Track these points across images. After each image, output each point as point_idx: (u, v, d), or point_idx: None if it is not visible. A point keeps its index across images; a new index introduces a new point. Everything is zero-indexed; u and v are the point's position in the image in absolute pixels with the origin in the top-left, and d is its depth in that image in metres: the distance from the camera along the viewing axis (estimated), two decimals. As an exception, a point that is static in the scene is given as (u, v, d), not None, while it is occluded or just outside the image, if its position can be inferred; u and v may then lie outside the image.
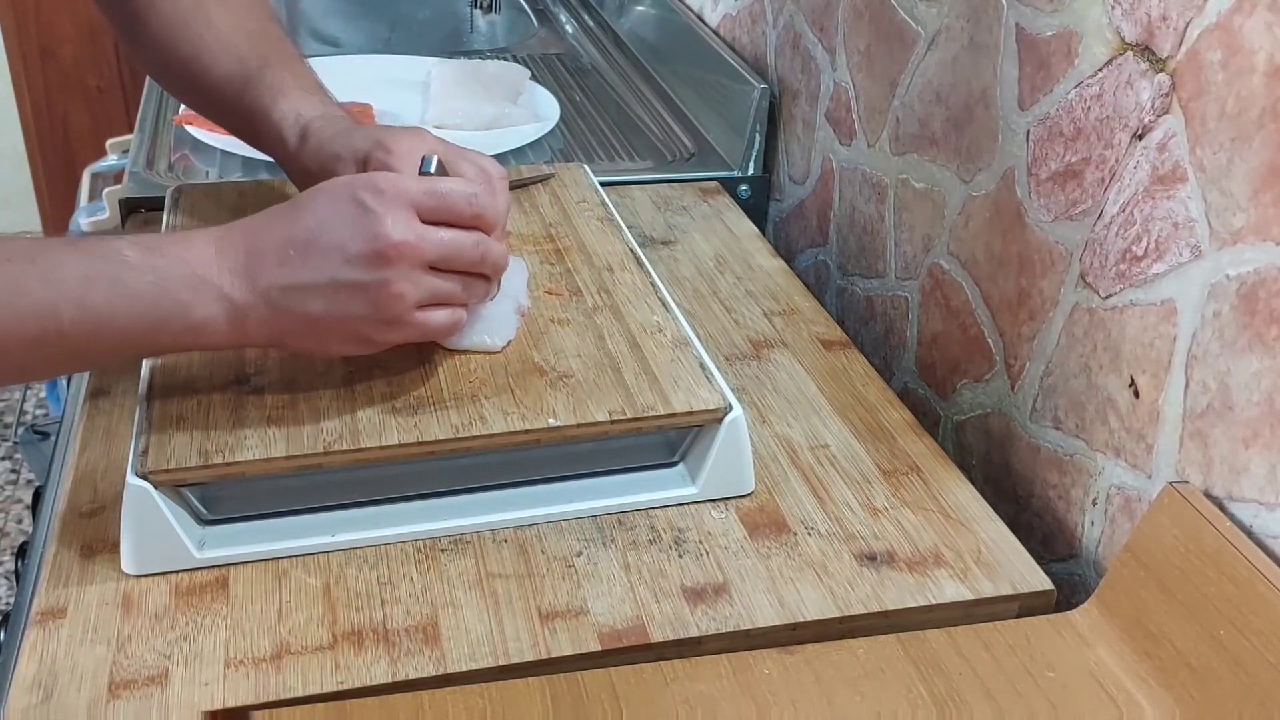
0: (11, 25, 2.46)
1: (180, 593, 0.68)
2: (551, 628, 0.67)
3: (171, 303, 0.63)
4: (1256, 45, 0.62)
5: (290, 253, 0.64)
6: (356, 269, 0.64)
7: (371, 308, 0.65)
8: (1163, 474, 0.71)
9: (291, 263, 0.64)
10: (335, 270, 0.64)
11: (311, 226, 0.64)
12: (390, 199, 0.64)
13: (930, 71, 0.94)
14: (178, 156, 1.21)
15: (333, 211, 0.64)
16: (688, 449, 0.78)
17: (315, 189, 0.67)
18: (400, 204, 0.65)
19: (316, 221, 0.64)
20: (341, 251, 0.64)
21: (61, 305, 0.60)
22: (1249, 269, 0.64)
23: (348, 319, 0.66)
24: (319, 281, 0.64)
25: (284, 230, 0.65)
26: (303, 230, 0.64)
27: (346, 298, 0.65)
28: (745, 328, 0.97)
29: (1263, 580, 0.61)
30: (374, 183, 0.65)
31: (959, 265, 0.92)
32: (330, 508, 0.73)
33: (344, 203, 0.65)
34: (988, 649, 0.66)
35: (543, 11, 1.82)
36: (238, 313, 0.64)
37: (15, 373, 0.63)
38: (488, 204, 0.68)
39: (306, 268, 0.64)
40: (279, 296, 0.65)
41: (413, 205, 0.65)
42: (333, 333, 0.67)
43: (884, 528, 0.76)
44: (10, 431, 2.30)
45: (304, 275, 0.64)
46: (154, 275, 0.62)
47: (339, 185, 0.66)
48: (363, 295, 0.65)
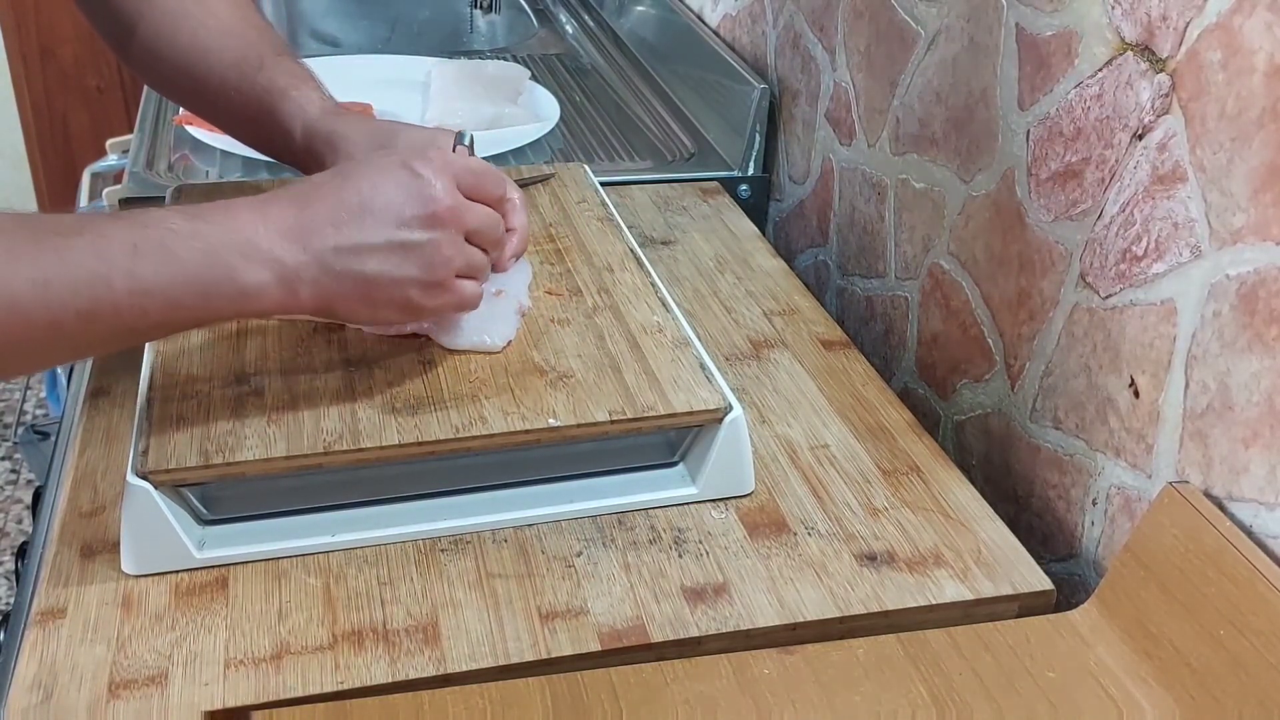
0: (11, 25, 2.46)
1: (180, 593, 0.68)
2: (551, 628, 0.67)
3: (221, 268, 0.62)
4: (1256, 45, 0.62)
5: (344, 215, 0.65)
6: (412, 229, 0.66)
7: (423, 269, 0.67)
8: (1163, 474, 0.71)
9: (346, 224, 0.65)
10: (391, 231, 0.66)
11: (365, 190, 0.66)
12: (440, 170, 0.67)
13: (930, 71, 0.94)
14: (178, 156, 1.21)
15: (385, 178, 0.66)
16: (688, 449, 0.78)
17: (357, 161, 0.68)
18: (447, 174, 0.67)
19: (370, 185, 0.66)
20: (397, 213, 0.66)
21: (112, 276, 0.60)
22: (1249, 269, 0.64)
23: (400, 281, 0.67)
24: (375, 242, 0.66)
25: (335, 194, 0.66)
26: (355, 194, 0.66)
27: (401, 258, 0.66)
28: (745, 328, 0.97)
29: (1263, 580, 0.61)
30: (425, 154, 0.68)
31: (959, 265, 0.92)
32: (330, 508, 0.73)
33: (395, 169, 0.67)
34: (988, 649, 0.66)
35: (543, 11, 1.82)
36: (289, 276, 0.64)
37: (70, 348, 0.64)
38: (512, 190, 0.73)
39: (362, 228, 0.65)
40: (333, 258, 0.65)
41: (456, 178, 0.68)
42: (383, 296, 0.68)
43: (884, 528, 0.76)
44: (10, 431, 2.30)
45: (360, 236, 0.65)
46: (201, 241, 0.62)
47: (384, 155, 0.68)
48: (417, 256, 0.67)
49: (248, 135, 0.89)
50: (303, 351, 0.77)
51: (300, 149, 0.82)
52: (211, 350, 0.76)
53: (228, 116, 0.89)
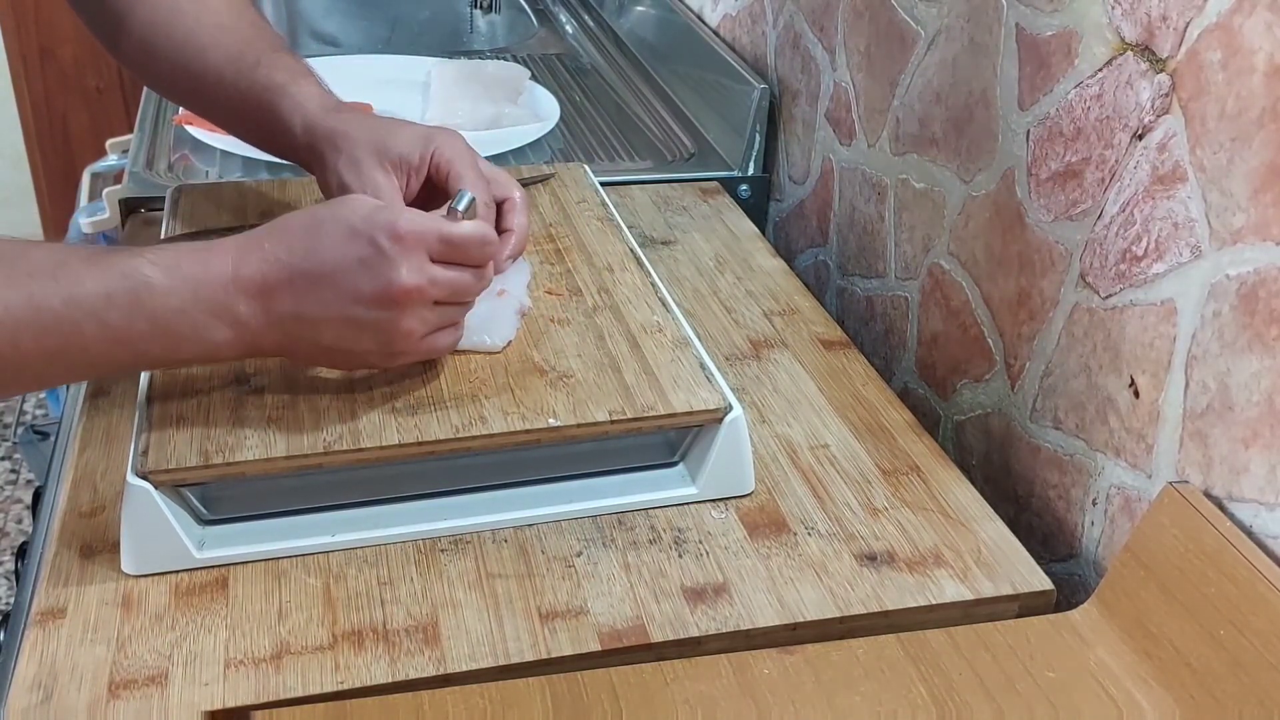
0: (11, 25, 2.46)
1: (180, 593, 0.68)
2: (551, 628, 0.67)
3: (190, 325, 0.64)
4: (1256, 45, 0.62)
5: (305, 284, 0.65)
6: (367, 309, 0.66)
7: (380, 342, 0.68)
8: (1163, 474, 0.71)
9: (305, 295, 0.66)
10: (346, 308, 0.66)
11: (327, 261, 0.66)
12: (408, 245, 0.66)
13: (930, 71, 0.94)
14: (178, 156, 1.21)
15: (349, 250, 0.66)
16: (688, 449, 0.78)
17: (335, 215, 0.67)
18: (417, 250, 0.66)
19: (333, 257, 0.66)
20: (354, 291, 0.66)
21: (83, 323, 0.62)
22: (1249, 269, 0.64)
23: (356, 350, 0.69)
24: (330, 316, 0.66)
25: (301, 259, 0.66)
26: (318, 264, 0.66)
27: (356, 332, 0.67)
28: (745, 328, 0.97)
29: (1263, 580, 0.61)
30: (394, 227, 0.66)
31: (959, 265, 0.92)
32: (330, 508, 0.73)
33: (361, 242, 0.66)
34: (988, 649, 0.66)
35: (543, 11, 1.82)
36: (252, 336, 0.66)
37: (34, 382, 0.67)
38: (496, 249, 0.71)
39: (320, 301, 0.66)
40: (292, 325, 0.66)
41: (428, 251, 0.67)
42: (341, 359, 0.70)
43: (884, 528, 0.76)
44: (10, 431, 2.30)
45: (316, 309, 0.66)
46: (175, 299, 0.64)
47: (359, 221, 0.66)
48: (372, 331, 0.67)
49: (247, 132, 0.88)
50: (303, 351, 0.77)
51: (301, 146, 0.81)
52: (211, 350, 0.76)
53: (226, 114, 0.88)
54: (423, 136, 0.79)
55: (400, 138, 0.79)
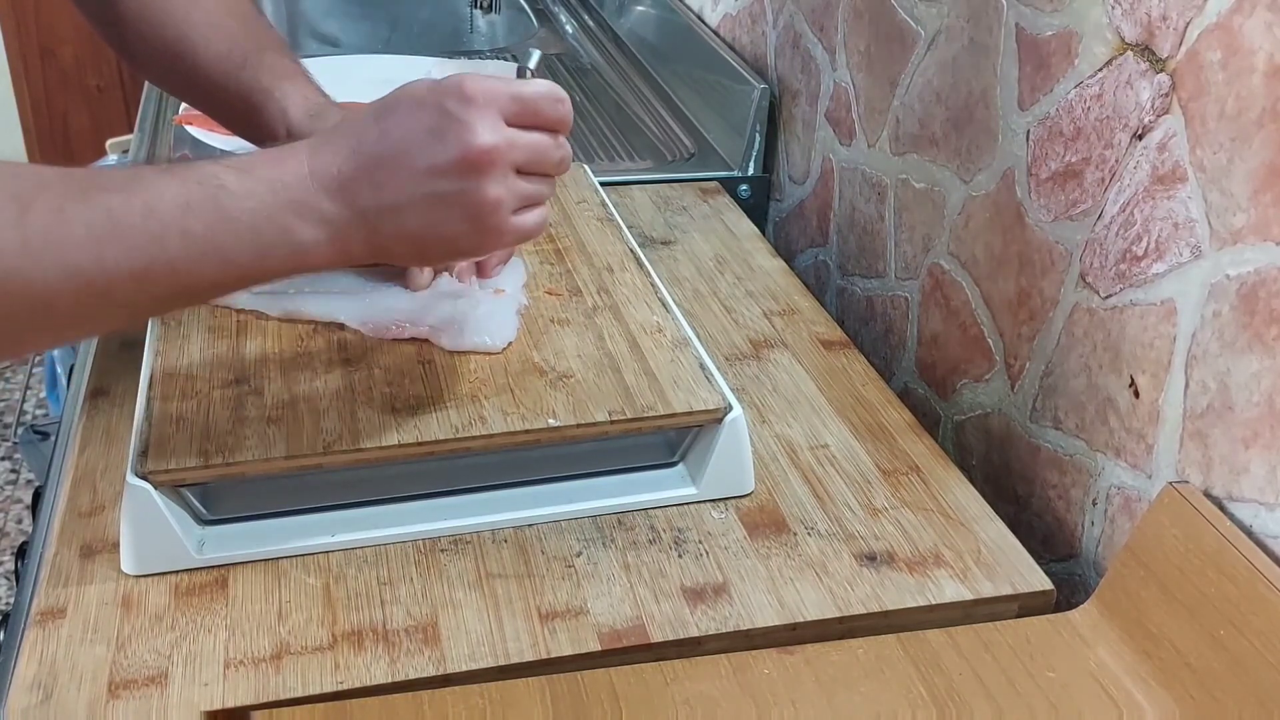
0: (11, 25, 2.46)
1: (180, 593, 0.68)
2: (551, 628, 0.67)
3: (275, 228, 0.61)
4: (1256, 45, 0.62)
5: (381, 170, 0.62)
6: (449, 180, 0.62)
7: (469, 218, 0.64)
8: (1163, 474, 0.71)
9: (384, 182, 0.62)
10: (427, 183, 0.62)
11: (400, 139, 0.62)
12: (479, 105, 0.62)
13: (930, 71, 0.94)
14: (178, 156, 1.21)
15: (419, 122, 0.62)
16: (688, 449, 0.78)
17: (399, 95, 0.64)
18: (489, 109, 0.63)
19: (404, 133, 0.62)
20: (431, 164, 0.62)
21: (166, 235, 0.58)
22: (1249, 269, 0.64)
23: (447, 234, 0.64)
24: (413, 197, 0.62)
25: (373, 144, 0.63)
26: (391, 144, 0.62)
27: (444, 212, 0.63)
28: (745, 328, 0.97)
29: (1263, 580, 0.61)
30: (461, 88, 0.63)
31: (959, 265, 0.92)
32: (330, 508, 0.73)
33: (431, 110, 0.62)
34: (988, 649, 0.66)
35: (543, 11, 1.82)
36: (340, 233, 0.63)
37: (127, 310, 0.61)
38: (568, 108, 0.67)
39: (399, 184, 0.62)
40: (376, 217, 0.63)
41: (500, 110, 0.63)
42: (434, 247, 0.66)
43: (884, 528, 0.76)
44: (10, 431, 2.30)
45: (397, 193, 0.62)
46: (253, 201, 0.60)
47: (423, 91, 0.63)
48: (459, 207, 0.63)
49: (239, 131, 0.88)
50: (303, 351, 0.77)
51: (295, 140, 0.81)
52: (211, 350, 0.76)
53: (218, 112, 0.88)
54: None
55: None
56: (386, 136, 0.63)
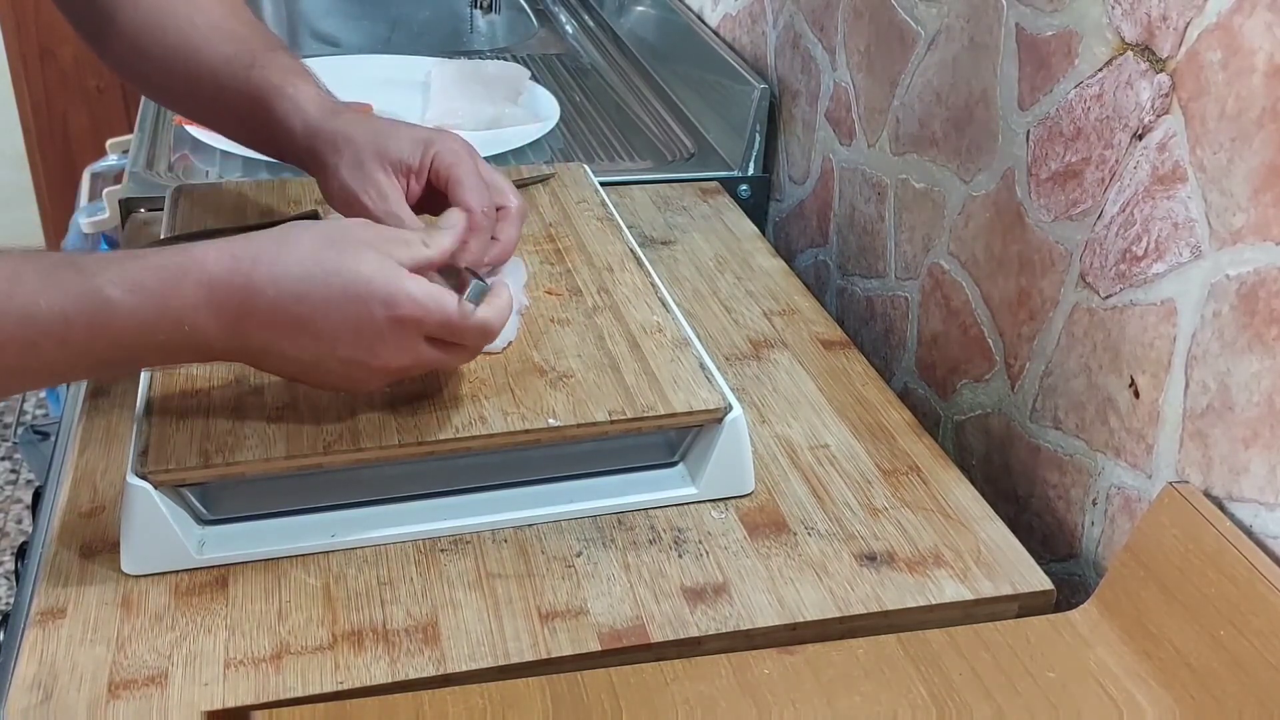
0: (11, 25, 2.46)
1: (180, 593, 0.68)
2: (551, 628, 0.67)
3: (153, 344, 0.63)
4: (1256, 45, 0.62)
5: (285, 327, 0.63)
6: (343, 364, 0.65)
7: (346, 385, 0.68)
8: (1163, 474, 0.71)
9: (283, 336, 0.64)
10: (321, 358, 0.65)
11: (314, 315, 0.63)
12: (405, 327, 0.64)
13: (930, 71, 0.94)
14: (178, 156, 1.21)
15: (343, 310, 0.63)
16: (688, 449, 0.78)
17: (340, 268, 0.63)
18: (412, 332, 0.65)
19: (321, 313, 0.63)
20: (334, 348, 0.64)
21: (40, 342, 0.60)
22: (1249, 269, 0.64)
23: (319, 383, 0.68)
24: (302, 358, 0.65)
25: (287, 304, 0.63)
26: (307, 312, 0.63)
27: (323, 375, 0.67)
28: (745, 328, 0.97)
29: (1263, 580, 0.61)
30: (395, 305, 0.63)
31: (959, 265, 0.92)
32: (330, 508, 0.73)
33: (358, 306, 0.63)
34: (988, 649, 0.66)
35: (543, 11, 1.82)
36: (214, 354, 0.65)
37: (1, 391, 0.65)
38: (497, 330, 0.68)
39: (296, 345, 0.64)
40: (259, 355, 0.65)
41: (424, 332, 0.65)
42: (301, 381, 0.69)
43: (884, 528, 0.76)
44: (10, 431, 2.30)
45: (290, 350, 0.64)
46: (137, 321, 0.61)
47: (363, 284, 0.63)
48: (340, 378, 0.67)
49: (242, 134, 0.88)
50: (303, 351, 0.77)
51: (301, 148, 0.81)
52: (211, 350, 0.76)
53: (221, 116, 0.87)
54: (422, 140, 0.78)
55: (400, 140, 0.78)
56: (305, 305, 0.63)
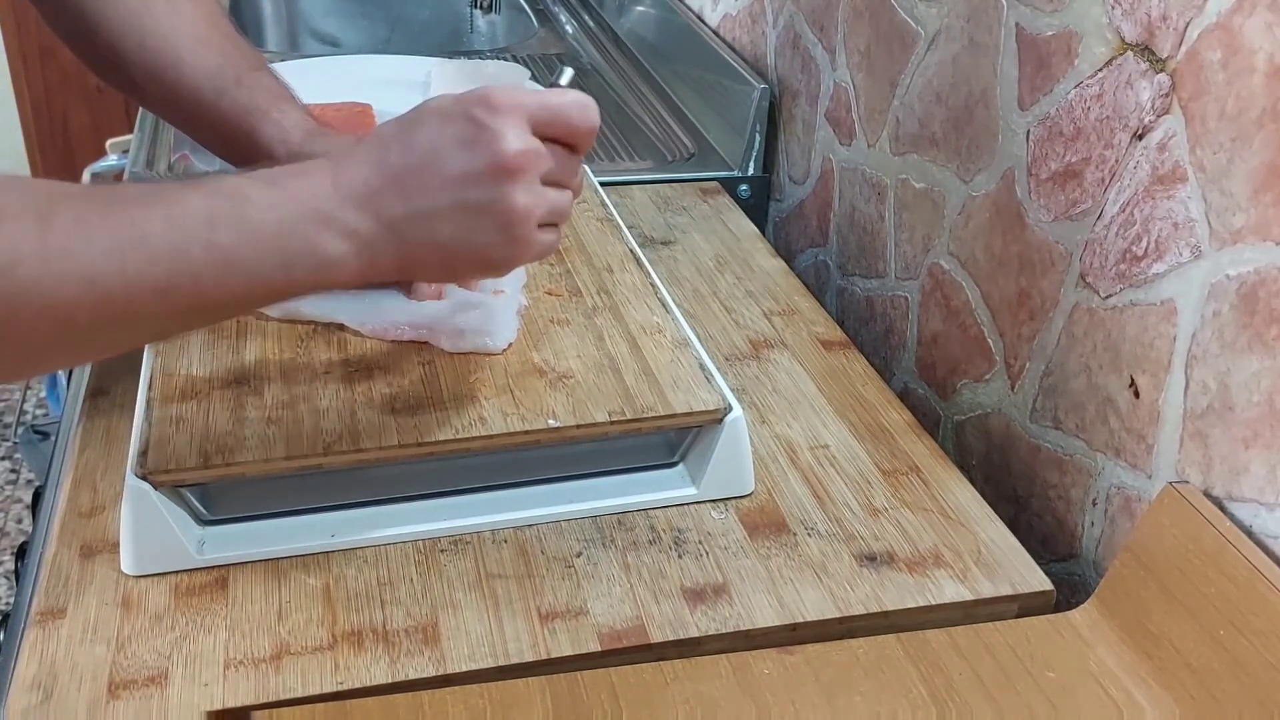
0: (11, 25, 2.46)
1: (180, 593, 0.68)
2: (551, 628, 0.67)
3: (300, 240, 0.60)
4: (1256, 45, 0.62)
5: (411, 179, 0.61)
6: (479, 188, 0.62)
7: (499, 228, 0.63)
8: (1163, 474, 0.71)
9: (414, 191, 0.61)
10: (457, 192, 0.62)
11: (428, 150, 0.62)
12: (506, 113, 0.62)
13: (930, 71, 0.94)
14: (178, 156, 1.21)
15: (447, 133, 0.62)
16: (688, 449, 0.78)
17: (422, 109, 0.63)
18: (517, 117, 0.62)
19: (432, 144, 0.62)
20: (461, 172, 0.61)
21: (190, 246, 0.57)
22: (1249, 269, 0.64)
23: (477, 244, 0.63)
24: (442, 206, 0.62)
25: (400, 155, 0.62)
26: (419, 154, 0.62)
27: (474, 220, 0.62)
28: (745, 328, 0.97)
29: (1263, 580, 0.61)
30: (488, 98, 0.62)
31: (959, 265, 0.92)
32: (330, 508, 0.73)
33: (458, 120, 0.62)
34: (988, 649, 0.66)
35: (543, 11, 1.82)
36: (366, 247, 0.62)
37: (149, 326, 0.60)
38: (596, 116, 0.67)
39: (429, 193, 0.61)
40: (406, 227, 0.62)
41: (528, 118, 0.63)
42: (463, 260, 0.65)
43: (884, 528, 0.76)
44: (10, 431, 2.30)
45: (428, 201, 0.61)
46: (278, 212, 0.59)
47: (449, 103, 0.63)
48: (490, 215, 0.62)
49: (222, 151, 0.85)
50: (303, 351, 0.77)
51: None
52: (211, 350, 0.76)
53: (202, 131, 0.85)
54: None
55: None
56: (414, 148, 0.62)
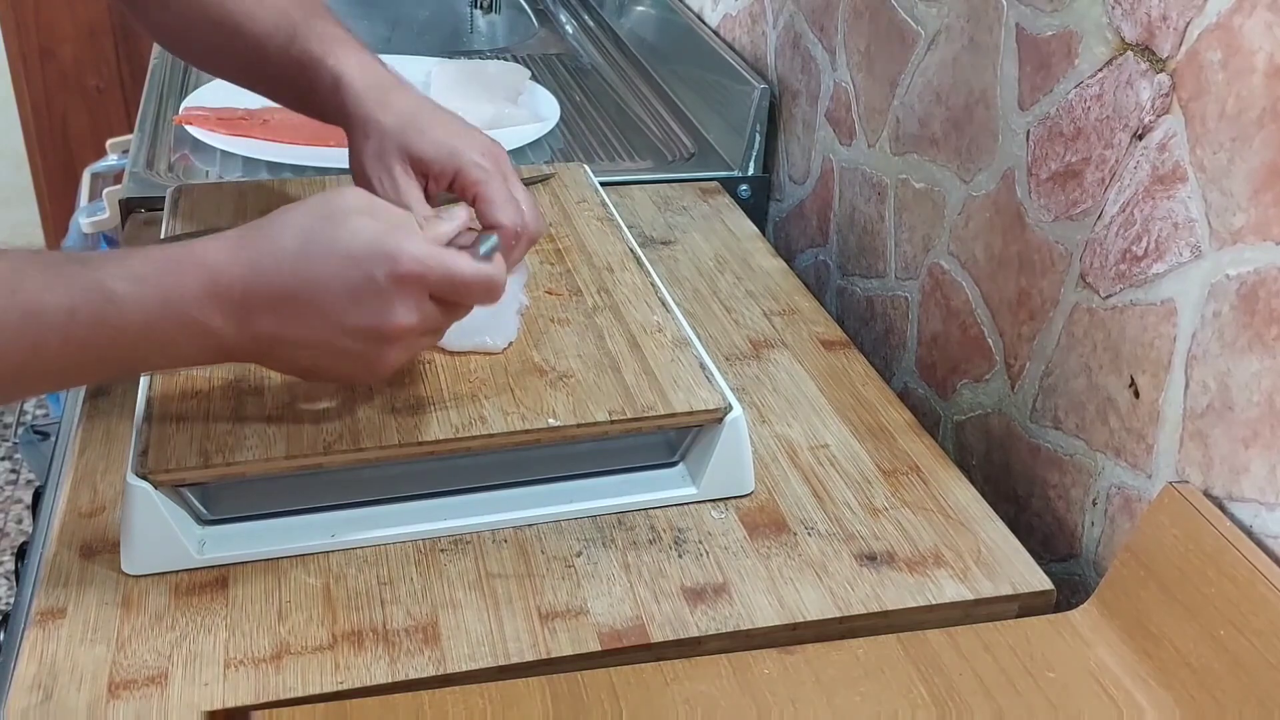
0: (11, 25, 2.46)
1: (180, 593, 0.68)
2: (551, 628, 0.67)
3: (159, 340, 0.61)
4: (1256, 45, 0.62)
5: (289, 309, 0.61)
6: (354, 340, 0.63)
7: (360, 368, 0.65)
8: (1163, 474, 0.71)
9: (289, 319, 0.62)
10: (332, 337, 0.62)
11: (317, 288, 0.61)
12: (407, 284, 0.62)
13: (930, 71, 0.94)
14: (178, 156, 1.21)
15: (343, 278, 0.61)
16: (688, 449, 0.78)
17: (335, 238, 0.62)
18: (416, 289, 0.63)
19: (323, 284, 0.61)
20: (342, 322, 0.62)
21: (46, 339, 0.58)
22: (1249, 269, 0.64)
23: (333, 372, 0.66)
24: (313, 341, 0.63)
25: (288, 280, 0.61)
26: (308, 288, 0.61)
27: (336, 359, 0.64)
28: (745, 328, 0.97)
29: (1263, 580, 0.61)
30: (395, 264, 0.61)
31: (959, 265, 0.92)
32: (330, 508, 0.73)
33: (358, 273, 0.61)
34: (988, 649, 0.66)
35: (543, 11, 1.82)
36: (224, 351, 0.63)
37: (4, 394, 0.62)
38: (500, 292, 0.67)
39: (303, 326, 0.62)
40: (271, 346, 0.63)
41: (428, 289, 0.63)
42: (315, 377, 0.67)
43: (884, 528, 0.76)
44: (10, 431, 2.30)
45: (299, 333, 0.62)
46: (143, 315, 0.60)
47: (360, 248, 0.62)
48: (355, 359, 0.64)
49: (288, 103, 0.86)
50: (303, 351, 0.77)
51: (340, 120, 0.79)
52: (211, 350, 0.76)
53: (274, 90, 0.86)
54: (449, 148, 0.75)
55: (426, 141, 0.75)
56: (305, 277, 0.61)
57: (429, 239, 0.64)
